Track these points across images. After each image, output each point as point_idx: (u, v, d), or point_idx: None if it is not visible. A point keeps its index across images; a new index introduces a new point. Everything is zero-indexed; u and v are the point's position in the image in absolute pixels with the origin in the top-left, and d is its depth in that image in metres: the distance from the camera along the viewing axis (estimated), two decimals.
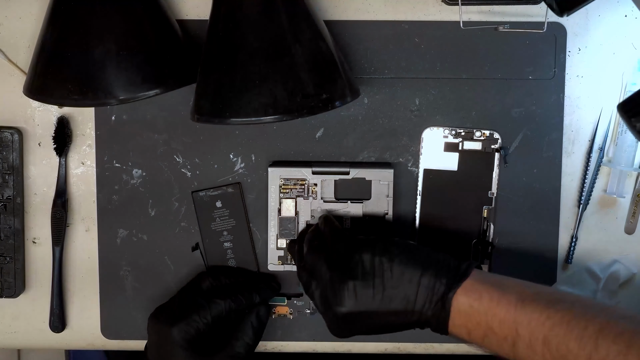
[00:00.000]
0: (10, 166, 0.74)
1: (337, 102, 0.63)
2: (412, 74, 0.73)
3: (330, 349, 0.77)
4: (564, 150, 0.74)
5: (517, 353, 0.58)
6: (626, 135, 0.73)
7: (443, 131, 0.73)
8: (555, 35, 0.72)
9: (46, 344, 0.78)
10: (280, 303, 0.76)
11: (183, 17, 0.73)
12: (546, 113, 0.73)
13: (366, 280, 0.61)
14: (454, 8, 0.72)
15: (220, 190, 0.75)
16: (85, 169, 0.76)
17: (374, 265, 0.61)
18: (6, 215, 0.75)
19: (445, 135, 0.73)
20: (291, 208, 0.73)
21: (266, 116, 0.60)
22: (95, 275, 0.77)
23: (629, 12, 0.73)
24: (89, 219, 0.76)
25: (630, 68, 0.73)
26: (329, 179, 0.73)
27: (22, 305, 0.77)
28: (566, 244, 0.75)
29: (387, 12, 0.73)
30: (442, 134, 0.73)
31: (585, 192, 0.74)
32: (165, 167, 0.75)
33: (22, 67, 0.74)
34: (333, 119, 0.74)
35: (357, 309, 0.60)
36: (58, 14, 0.64)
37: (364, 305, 0.60)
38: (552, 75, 0.73)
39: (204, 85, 0.64)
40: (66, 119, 0.74)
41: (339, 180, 0.73)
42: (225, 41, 0.63)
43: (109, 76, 0.63)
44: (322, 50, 0.64)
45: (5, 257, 0.75)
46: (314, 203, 0.73)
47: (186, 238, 0.75)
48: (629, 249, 0.75)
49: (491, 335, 0.59)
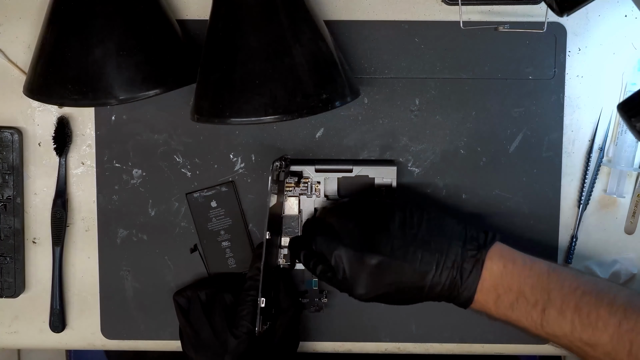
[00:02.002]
0: (10, 166, 0.74)
1: (337, 102, 0.63)
2: (412, 74, 0.73)
3: (331, 349, 0.77)
4: (564, 150, 0.74)
5: (545, 320, 0.59)
6: (626, 135, 0.73)
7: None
8: (555, 35, 0.72)
9: (46, 344, 0.78)
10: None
11: (183, 17, 0.73)
12: (546, 113, 0.73)
13: (402, 230, 0.62)
14: (454, 8, 0.72)
15: (214, 190, 0.75)
16: (85, 169, 0.76)
17: (406, 219, 0.62)
18: (6, 215, 0.75)
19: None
20: (294, 206, 0.73)
21: (266, 116, 0.60)
22: (95, 275, 0.77)
23: (629, 12, 0.73)
24: (89, 219, 0.76)
25: (630, 68, 0.73)
26: (332, 176, 0.73)
27: (22, 305, 0.77)
28: (566, 244, 0.75)
29: (387, 12, 0.73)
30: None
31: (585, 192, 0.74)
32: (165, 167, 0.75)
33: (22, 67, 0.74)
34: (333, 119, 0.74)
35: (391, 259, 0.61)
36: (58, 14, 0.64)
37: (397, 255, 0.61)
38: (552, 75, 0.73)
39: (204, 85, 0.64)
40: (66, 119, 0.74)
41: (342, 178, 0.73)
42: (225, 41, 0.63)
43: (109, 76, 0.63)
44: (322, 50, 0.64)
45: (5, 257, 0.75)
46: (317, 201, 0.73)
47: (186, 238, 0.75)
48: (629, 249, 0.75)
49: (522, 300, 0.60)
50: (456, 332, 0.76)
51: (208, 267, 0.76)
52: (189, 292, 0.73)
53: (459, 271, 0.61)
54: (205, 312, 0.71)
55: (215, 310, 0.71)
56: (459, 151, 0.74)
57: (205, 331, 0.70)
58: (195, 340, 0.71)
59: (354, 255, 0.62)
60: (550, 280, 0.60)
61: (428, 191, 0.74)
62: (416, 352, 0.77)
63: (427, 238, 0.61)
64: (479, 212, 0.74)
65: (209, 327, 0.70)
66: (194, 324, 0.71)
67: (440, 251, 0.61)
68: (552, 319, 0.60)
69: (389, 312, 0.76)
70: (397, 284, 0.61)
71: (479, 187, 0.74)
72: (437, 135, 0.74)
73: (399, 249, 0.61)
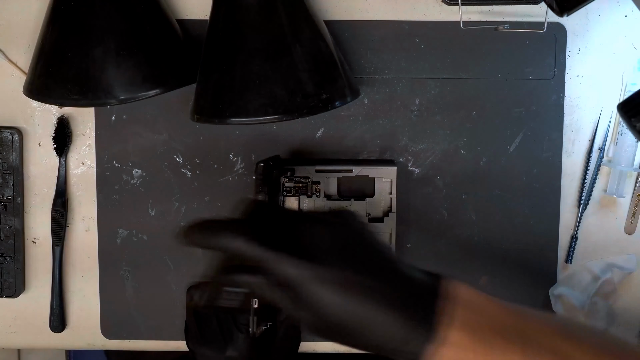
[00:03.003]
0: (10, 166, 0.74)
1: (337, 102, 0.63)
2: (412, 74, 0.73)
3: (330, 349, 0.77)
4: (564, 150, 0.74)
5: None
6: (626, 135, 0.73)
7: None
8: (555, 35, 0.72)
9: (46, 344, 0.78)
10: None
11: (183, 17, 0.73)
12: (546, 113, 0.73)
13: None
14: (454, 8, 0.72)
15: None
16: (85, 169, 0.76)
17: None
18: (6, 215, 0.75)
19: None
20: (294, 206, 0.73)
21: (266, 116, 0.60)
22: (95, 276, 0.77)
23: (629, 12, 0.73)
24: (89, 219, 0.76)
25: (630, 68, 0.73)
26: (332, 177, 0.73)
27: (22, 305, 0.77)
28: (566, 244, 0.75)
29: (387, 12, 0.73)
30: None
31: (585, 192, 0.74)
32: (165, 167, 0.75)
33: (22, 67, 0.74)
34: (333, 119, 0.74)
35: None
36: (58, 14, 0.64)
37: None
38: (552, 75, 0.73)
39: (204, 85, 0.64)
40: (66, 119, 0.74)
41: (342, 178, 0.73)
42: (225, 41, 0.63)
43: (109, 76, 0.63)
44: (322, 50, 0.64)
45: (5, 257, 0.75)
46: (317, 201, 0.73)
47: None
48: (629, 249, 0.75)
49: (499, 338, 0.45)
50: None
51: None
52: (202, 286, 0.72)
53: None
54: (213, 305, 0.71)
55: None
56: (459, 151, 0.74)
57: (211, 325, 0.70)
58: (199, 333, 0.71)
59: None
60: (525, 317, 0.47)
61: (428, 191, 0.74)
62: None
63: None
64: (479, 213, 0.74)
65: (215, 321, 0.70)
66: (200, 317, 0.71)
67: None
68: None
69: None
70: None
71: (479, 187, 0.74)
72: (437, 135, 0.74)
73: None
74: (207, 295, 0.61)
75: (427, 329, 0.44)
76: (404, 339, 0.44)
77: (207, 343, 0.71)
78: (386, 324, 0.44)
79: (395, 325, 0.44)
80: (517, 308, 0.48)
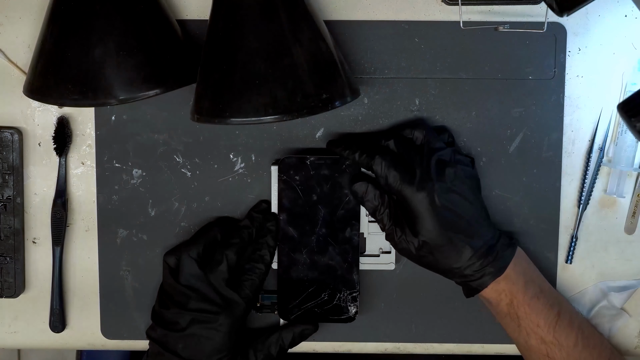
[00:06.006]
0: (10, 166, 0.74)
1: (337, 102, 0.63)
2: (412, 74, 0.73)
3: (331, 349, 0.77)
4: (564, 150, 0.74)
5: (559, 324, 0.65)
6: (626, 135, 0.73)
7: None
8: (555, 35, 0.72)
9: (46, 344, 0.78)
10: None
11: (183, 17, 0.73)
12: (546, 113, 0.73)
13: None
14: (454, 8, 0.72)
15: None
16: (85, 169, 0.76)
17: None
18: (6, 215, 0.75)
19: None
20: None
21: (266, 116, 0.60)
22: (95, 275, 0.77)
23: (629, 12, 0.73)
24: (89, 219, 0.76)
25: (630, 68, 0.73)
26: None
27: (22, 305, 0.77)
28: (566, 244, 0.75)
29: (387, 12, 0.73)
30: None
31: (585, 192, 0.74)
32: (165, 167, 0.75)
33: (22, 67, 0.74)
34: (333, 119, 0.74)
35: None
36: (58, 14, 0.64)
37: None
38: (552, 75, 0.73)
39: (204, 85, 0.64)
40: (66, 119, 0.74)
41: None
42: (225, 41, 0.63)
43: (109, 76, 0.63)
44: (322, 50, 0.64)
45: (5, 257, 0.75)
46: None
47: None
48: (629, 249, 0.75)
49: (542, 297, 0.66)
50: (456, 332, 0.76)
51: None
52: (180, 251, 0.71)
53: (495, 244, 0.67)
54: (201, 269, 0.69)
55: (213, 267, 0.70)
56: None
57: (199, 290, 0.68)
58: (184, 301, 0.68)
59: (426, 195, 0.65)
60: (559, 295, 0.66)
61: None
62: (416, 352, 0.77)
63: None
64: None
65: (206, 285, 0.69)
66: (185, 283, 0.69)
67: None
68: (564, 327, 0.62)
69: (389, 312, 0.76)
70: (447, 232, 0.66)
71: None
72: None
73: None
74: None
75: (499, 270, 0.65)
76: (478, 272, 0.65)
77: (193, 310, 0.68)
78: (471, 260, 0.65)
79: (477, 263, 0.65)
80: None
